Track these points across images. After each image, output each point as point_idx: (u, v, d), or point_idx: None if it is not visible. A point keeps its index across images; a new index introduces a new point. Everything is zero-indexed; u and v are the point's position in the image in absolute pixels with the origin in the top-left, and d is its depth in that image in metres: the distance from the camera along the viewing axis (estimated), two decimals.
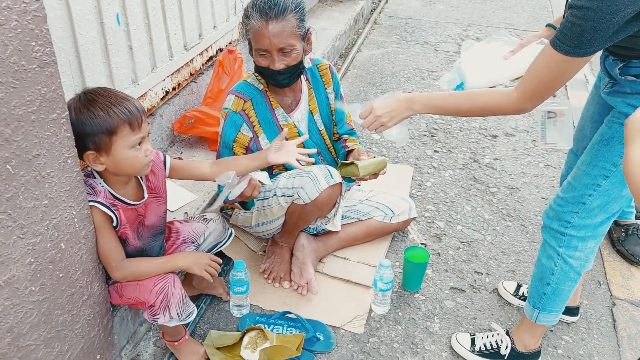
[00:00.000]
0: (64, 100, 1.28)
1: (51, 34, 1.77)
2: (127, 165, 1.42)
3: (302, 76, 2.00)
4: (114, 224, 1.48)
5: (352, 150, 2.09)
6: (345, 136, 2.17)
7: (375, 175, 1.93)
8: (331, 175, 1.88)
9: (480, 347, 1.80)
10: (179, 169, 1.67)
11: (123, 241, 1.54)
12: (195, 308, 1.63)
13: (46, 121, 1.23)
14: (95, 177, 1.47)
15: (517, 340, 1.78)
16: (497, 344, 1.79)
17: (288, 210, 1.97)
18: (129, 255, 1.55)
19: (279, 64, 1.80)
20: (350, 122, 2.18)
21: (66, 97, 1.31)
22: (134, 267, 1.52)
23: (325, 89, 2.08)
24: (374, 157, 1.95)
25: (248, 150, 1.95)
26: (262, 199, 1.99)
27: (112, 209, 1.46)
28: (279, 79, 1.85)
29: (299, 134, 2.00)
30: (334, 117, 2.13)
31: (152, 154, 1.46)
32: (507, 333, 1.81)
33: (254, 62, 1.87)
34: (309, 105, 2.04)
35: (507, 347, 1.77)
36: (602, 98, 1.55)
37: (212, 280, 1.66)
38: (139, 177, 1.55)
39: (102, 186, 1.46)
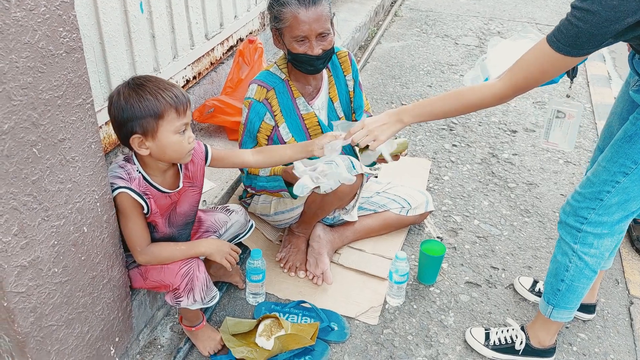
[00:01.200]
0: (89, 85, 1.30)
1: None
2: (172, 150, 1.44)
3: None
4: (145, 211, 1.51)
5: None
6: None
7: (396, 156, 1.90)
8: (353, 166, 1.88)
9: (494, 342, 1.79)
10: (220, 159, 1.68)
11: (152, 227, 1.57)
12: (219, 292, 1.65)
13: (72, 106, 1.25)
14: (134, 164, 1.49)
15: (532, 335, 1.78)
16: (511, 339, 1.79)
17: (308, 200, 1.98)
18: (156, 241, 1.58)
19: (317, 49, 1.81)
20: (369, 109, 2.18)
21: (90, 83, 1.33)
22: (157, 251, 1.54)
23: (345, 76, 2.08)
24: (395, 138, 1.93)
25: (269, 139, 1.96)
26: None
27: (144, 197, 1.48)
28: (317, 64, 1.86)
29: (319, 123, 2.00)
30: (352, 105, 2.13)
31: (194, 142, 1.49)
32: (522, 328, 1.81)
33: (287, 50, 1.85)
34: (329, 93, 2.05)
35: (521, 342, 1.77)
36: (631, 96, 1.53)
37: (230, 269, 1.68)
38: (178, 166, 1.58)
39: (139, 172, 1.48)
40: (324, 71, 2.03)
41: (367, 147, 1.89)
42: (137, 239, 1.52)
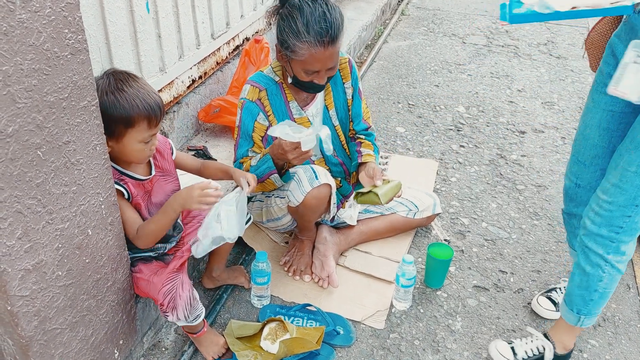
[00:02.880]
0: (94, 87, 1.29)
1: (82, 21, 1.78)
2: (131, 155, 1.46)
3: None
4: (126, 197, 1.51)
5: (364, 164, 2.02)
6: (362, 137, 2.11)
7: (390, 199, 1.90)
8: (316, 177, 1.85)
9: (523, 357, 1.75)
10: (179, 160, 1.70)
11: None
12: (204, 310, 1.63)
13: (77, 108, 1.24)
14: None
15: (558, 342, 1.74)
16: (538, 350, 1.75)
17: (288, 209, 1.98)
18: None
19: (325, 79, 1.81)
20: (368, 119, 2.12)
21: None
22: (145, 231, 1.51)
23: (343, 83, 2.03)
24: (389, 181, 1.88)
25: (264, 139, 1.93)
26: (267, 196, 2.02)
27: (121, 183, 1.49)
28: (319, 89, 1.86)
29: None
30: (350, 113, 2.09)
31: (155, 148, 1.51)
32: (546, 336, 1.77)
33: (292, 72, 1.81)
34: (325, 100, 2.01)
35: (550, 350, 1.73)
36: (608, 104, 1.49)
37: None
38: None
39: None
40: None
41: (368, 191, 1.85)
42: (130, 225, 1.50)
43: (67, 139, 1.23)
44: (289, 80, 1.86)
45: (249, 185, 1.60)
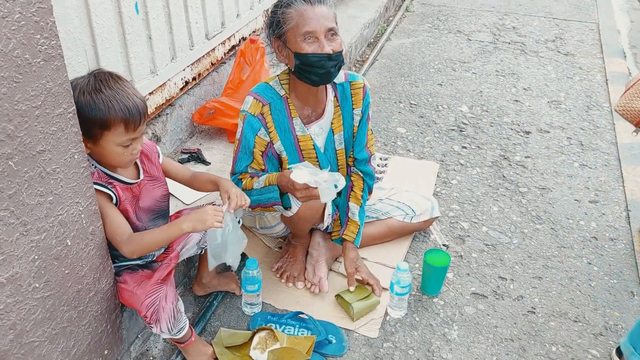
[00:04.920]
0: (70, 94, 1.25)
1: (67, 24, 1.75)
2: (111, 158, 1.43)
3: (331, 93, 1.89)
4: (114, 201, 1.47)
5: (346, 243, 1.98)
6: (359, 176, 2.02)
7: (362, 316, 1.91)
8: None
9: None
10: (166, 168, 1.66)
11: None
12: (187, 322, 1.60)
13: (52, 116, 1.20)
14: (89, 159, 1.44)
15: None
16: None
17: (282, 219, 1.95)
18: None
19: (328, 48, 1.70)
20: (371, 147, 2.02)
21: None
22: (139, 240, 1.48)
23: (353, 109, 1.94)
24: (367, 295, 1.91)
25: (264, 155, 1.87)
26: None
27: (109, 186, 1.45)
28: (329, 65, 1.72)
29: (315, 147, 1.90)
30: (354, 139, 2.00)
31: (138, 153, 1.46)
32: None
33: (293, 55, 1.72)
34: (333, 123, 1.93)
35: None
36: None
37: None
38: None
39: (95, 167, 1.45)
40: (331, 101, 1.90)
41: (344, 300, 1.86)
42: (115, 229, 1.46)
43: (41, 148, 1.19)
44: (292, 68, 1.76)
45: (233, 204, 1.56)
